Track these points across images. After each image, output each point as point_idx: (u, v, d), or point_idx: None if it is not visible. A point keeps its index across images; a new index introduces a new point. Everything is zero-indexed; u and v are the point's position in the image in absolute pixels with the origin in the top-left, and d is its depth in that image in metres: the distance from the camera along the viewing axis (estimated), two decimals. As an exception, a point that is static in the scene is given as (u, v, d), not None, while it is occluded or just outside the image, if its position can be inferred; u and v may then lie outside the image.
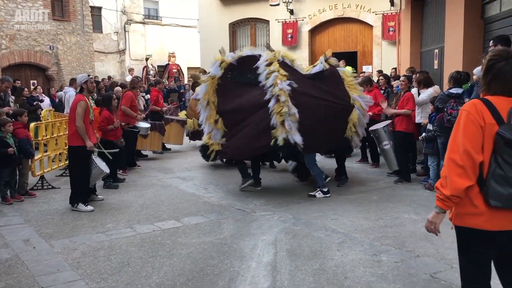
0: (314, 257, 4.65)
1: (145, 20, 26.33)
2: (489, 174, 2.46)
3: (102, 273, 4.38)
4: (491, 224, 2.50)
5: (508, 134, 2.41)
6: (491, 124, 2.47)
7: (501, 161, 2.44)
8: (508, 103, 2.51)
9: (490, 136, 2.47)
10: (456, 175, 2.48)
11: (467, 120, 2.50)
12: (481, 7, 7.48)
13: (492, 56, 2.58)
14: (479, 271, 2.63)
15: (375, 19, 15.11)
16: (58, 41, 18.03)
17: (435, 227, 2.66)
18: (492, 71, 2.55)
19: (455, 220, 2.63)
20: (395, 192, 7.20)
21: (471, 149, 2.46)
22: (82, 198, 6.58)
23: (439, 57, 9.85)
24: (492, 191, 2.44)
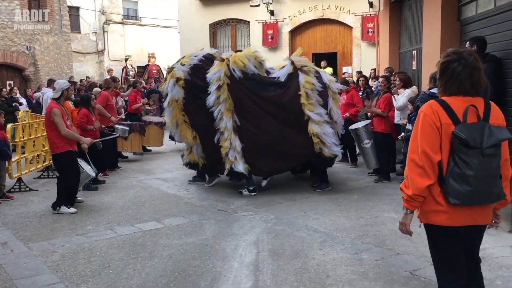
0: (296, 256, 4.67)
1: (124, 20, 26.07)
2: (448, 172, 2.55)
3: (82, 276, 4.33)
4: (454, 221, 2.60)
5: (463, 134, 2.49)
6: (447, 124, 2.56)
7: (458, 160, 2.52)
8: (463, 103, 2.59)
9: (447, 136, 2.56)
10: (417, 174, 2.57)
11: (424, 121, 2.60)
12: (458, 9, 7.61)
13: (445, 58, 2.67)
14: (450, 267, 2.71)
15: (354, 20, 15.24)
16: (35, 41, 17.73)
17: (406, 228, 2.76)
18: (447, 72, 2.64)
19: (421, 218, 2.73)
20: (375, 191, 7.28)
21: (428, 149, 2.55)
22: (66, 201, 6.48)
23: (417, 58, 9.99)
24: (451, 189, 2.53)
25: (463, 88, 2.61)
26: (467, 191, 2.50)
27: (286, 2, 15.99)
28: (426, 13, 8.69)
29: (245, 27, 17.03)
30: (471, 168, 2.48)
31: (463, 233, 2.67)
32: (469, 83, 2.60)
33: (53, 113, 6.32)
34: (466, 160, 2.49)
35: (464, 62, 2.59)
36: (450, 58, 2.64)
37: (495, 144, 2.50)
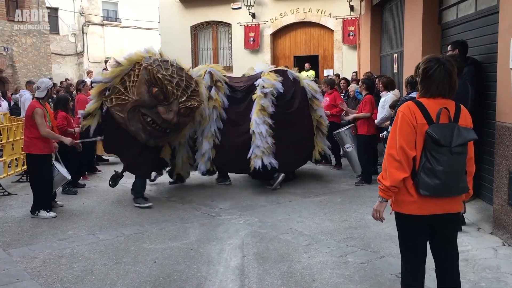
0: (281, 260, 4.65)
1: (103, 22, 25.82)
2: (420, 167, 2.85)
3: (65, 282, 4.24)
4: (423, 210, 2.90)
5: (435, 133, 2.78)
6: (422, 123, 2.84)
7: (430, 156, 2.82)
8: (437, 105, 2.88)
9: (421, 134, 2.85)
10: (394, 168, 2.86)
11: (402, 120, 2.89)
12: (439, 13, 7.71)
13: (426, 64, 2.94)
14: (413, 251, 3.04)
15: (335, 23, 15.35)
16: (13, 43, 17.39)
17: (379, 215, 3.06)
18: (428, 76, 2.92)
19: (394, 207, 3.03)
20: (358, 193, 7.32)
21: (405, 145, 2.84)
22: (44, 205, 6.34)
23: (398, 61, 10.10)
24: (422, 182, 2.83)
25: (442, 91, 2.89)
26: (436, 184, 2.80)
27: (267, 5, 16.02)
28: (407, 16, 8.80)
29: (227, 29, 17.00)
30: (440, 164, 2.79)
31: (431, 224, 2.97)
32: (448, 86, 2.89)
33: (35, 113, 6.20)
34: (436, 156, 2.79)
35: (444, 67, 2.88)
36: (431, 63, 2.91)
37: (463, 143, 2.82)
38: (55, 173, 6.53)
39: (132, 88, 6.46)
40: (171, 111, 6.46)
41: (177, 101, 6.48)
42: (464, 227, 5.34)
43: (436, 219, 2.95)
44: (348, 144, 8.06)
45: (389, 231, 5.23)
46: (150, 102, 6.44)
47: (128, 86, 6.50)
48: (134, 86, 6.46)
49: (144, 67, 6.45)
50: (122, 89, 6.53)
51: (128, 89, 6.48)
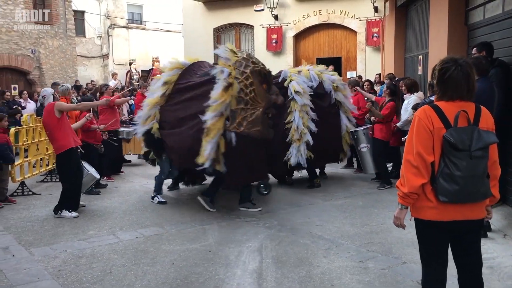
0: (300, 264, 4.59)
1: (128, 25, 26.11)
2: (438, 172, 2.77)
3: (84, 282, 4.26)
4: (443, 216, 2.81)
5: (452, 137, 2.70)
6: (439, 128, 2.76)
7: (448, 161, 2.73)
8: (455, 108, 2.78)
9: (438, 139, 2.77)
10: (412, 174, 2.79)
11: (418, 125, 2.81)
12: (465, 14, 7.54)
13: (442, 65, 2.85)
14: (434, 258, 2.95)
15: (359, 25, 15.19)
16: (40, 45, 17.75)
17: (400, 222, 2.97)
18: (445, 78, 2.82)
19: (413, 213, 2.94)
20: (380, 197, 7.20)
21: (422, 151, 2.77)
22: (69, 205, 6.42)
23: (423, 63, 9.92)
24: (441, 187, 2.75)
25: (460, 93, 2.80)
26: (455, 190, 2.71)
27: (290, 7, 15.96)
28: (433, 17, 8.63)
29: (249, 31, 17.00)
30: (459, 169, 2.70)
31: (452, 230, 2.87)
32: (466, 88, 2.79)
33: (56, 106, 6.36)
34: (455, 161, 2.70)
35: (461, 69, 2.78)
36: (447, 65, 2.82)
37: (483, 147, 2.72)
38: (85, 173, 6.64)
39: (254, 98, 6.16)
40: (277, 94, 6.70)
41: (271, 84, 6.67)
42: (490, 233, 5.18)
43: (457, 225, 2.84)
44: (364, 144, 7.99)
45: (411, 236, 5.09)
46: (269, 98, 6.42)
47: (249, 98, 6.14)
48: (255, 95, 6.16)
49: (252, 72, 6.17)
50: (245, 106, 6.14)
51: (251, 101, 6.15)
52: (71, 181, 6.48)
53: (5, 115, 7.80)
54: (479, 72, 5.01)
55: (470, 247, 2.96)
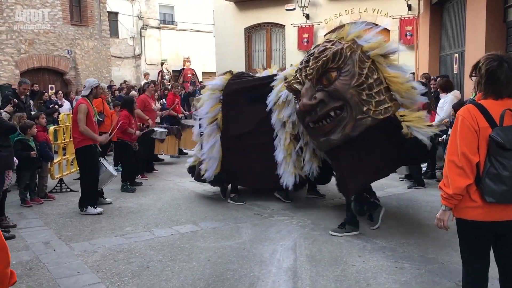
0: (335, 263, 4.58)
1: (160, 25, 26.49)
2: (484, 173, 2.71)
3: (123, 276, 4.37)
4: (488, 216, 2.75)
5: (499, 137, 2.64)
6: (485, 127, 2.71)
7: (494, 161, 2.68)
8: (500, 106, 2.73)
9: (484, 138, 2.71)
10: (457, 175, 2.73)
11: (462, 125, 2.75)
12: (503, 11, 7.37)
13: (489, 65, 2.77)
14: (476, 258, 2.90)
15: (392, 23, 14.96)
16: (76, 46, 18.22)
17: (443, 224, 2.92)
18: (492, 77, 2.76)
19: (455, 213, 2.89)
20: (414, 198, 7.10)
21: (467, 151, 2.71)
22: (91, 201, 6.59)
23: (459, 61, 9.73)
24: (487, 188, 2.69)
25: (508, 92, 2.75)
26: (502, 191, 2.65)
27: (322, 6, 15.88)
28: (470, 15, 8.47)
29: (280, 31, 17.00)
30: (506, 169, 2.63)
31: (495, 231, 2.82)
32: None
33: (79, 109, 6.48)
34: (502, 161, 2.64)
35: (507, 66, 2.72)
36: (494, 63, 2.75)
37: None
38: (102, 170, 6.77)
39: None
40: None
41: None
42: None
43: (501, 226, 2.79)
44: None
45: (448, 237, 5.03)
46: None
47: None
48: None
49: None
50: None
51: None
52: (87, 177, 6.65)
53: (41, 113, 8.05)
54: None
55: None
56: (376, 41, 5.06)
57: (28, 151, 6.87)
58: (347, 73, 4.97)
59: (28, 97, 9.86)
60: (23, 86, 9.49)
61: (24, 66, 16.44)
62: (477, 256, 2.91)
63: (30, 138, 7.02)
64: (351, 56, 5.00)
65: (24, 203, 7.00)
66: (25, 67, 16.45)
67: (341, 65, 4.98)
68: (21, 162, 6.73)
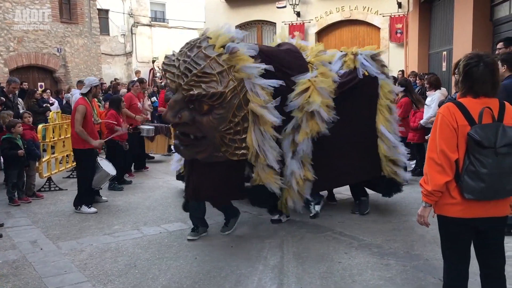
0: (321, 260, 4.61)
1: (151, 23, 26.41)
2: (463, 170, 2.76)
3: (109, 275, 4.37)
4: (467, 213, 2.80)
5: (477, 135, 2.68)
6: (463, 125, 2.74)
7: (473, 159, 2.72)
8: (479, 105, 2.76)
9: (463, 136, 2.75)
10: (436, 172, 2.78)
11: (441, 122, 2.79)
12: (490, 9, 7.44)
13: (467, 61, 2.82)
14: (457, 254, 2.95)
15: (382, 21, 15.06)
16: (65, 44, 18.10)
17: (424, 220, 2.97)
18: (470, 75, 2.79)
19: (436, 210, 2.94)
20: (402, 194, 7.08)
21: (446, 148, 2.75)
22: (85, 200, 6.58)
23: (447, 59, 9.80)
24: (466, 185, 2.74)
25: (485, 90, 2.77)
26: (481, 188, 2.70)
27: (312, 3, 15.93)
28: (457, 13, 8.53)
29: (271, 28, 17.03)
30: (484, 166, 2.68)
31: (475, 227, 2.86)
32: (491, 85, 2.77)
33: (77, 110, 6.46)
34: (480, 159, 2.69)
35: (485, 64, 2.75)
36: (472, 61, 2.79)
37: (509, 144, 2.68)
38: (98, 169, 6.75)
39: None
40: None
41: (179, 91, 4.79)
42: (515, 231, 5.11)
43: (481, 222, 2.84)
44: None
45: (434, 233, 5.06)
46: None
47: None
48: None
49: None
50: None
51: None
52: (84, 176, 6.65)
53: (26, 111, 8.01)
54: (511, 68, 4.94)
55: (493, 244, 2.94)
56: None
57: (15, 150, 6.84)
58: (218, 116, 4.69)
59: (16, 96, 9.80)
60: (12, 85, 9.43)
61: (13, 64, 16.30)
62: (457, 252, 2.95)
63: (18, 137, 6.99)
64: (231, 100, 4.67)
65: (12, 202, 6.97)
66: (14, 65, 16.31)
67: (216, 105, 4.65)
68: (8, 160, 6.69)
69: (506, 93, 4.51)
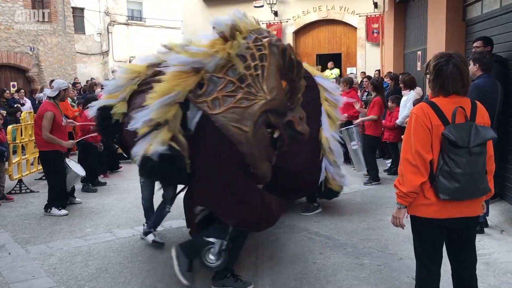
0: (296, 260, 4.58)
1: (128, 21, 26.11)
2: (438, 170, 2.74)
3: (79, 280, 4.26)
4: (441, 213, 2.79)
5: (452, 135, 2.66)
6: (437, 125, 2.72)
7: (447, 159, 2.70)
8: (452, 104, 2.75)
9: (437, 136, 2.73)
10: (411, 173, 2.75)
11: (416, 123, 2.76)
12: (463, 9, 7.50)
13: (436, 61, 2.81)
14: (429, 254, 2.95)
15: (359, 21, 15.16)
16: (38, 42, 17.73)
17: (399, 222, 2.94)
18: (439, 73, 2.79)
19: (409, 210, 2.91)
20: (378, 194, 7.18)
21: (421, 149, 2.72)
22: (57, 202, 6.42)
23: (422, 59, 9.89)
24: (441, 185, 2.72)
25: (455, 88, 2.76)
26: (455, 188, 2.69)
27: (290, 3, 15.94)
28: (431, 13, 8.60)
29: (249, 28, 16.97)
30: (459, 166, 2.67)
31: (448, 227, 2.86)
32: (461, 83, 2.76)
33: (45, 117, 6.23)
34: (454, 159, 2.67)
35: (455, 63, 2.75)
36: (441, 60, 2.79)
37: (482, 143, 2.69)
38: (68, 170, 6.60)
39: (257, 80, 3.72)
40: (301, 119, 4.02)
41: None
42: (487, 229, 5.16)
43: (455, 222, 2.84)
44: (354, 142, 7.94)
45: (408, 233, 5.01)
46: (284, 102, 3.88)
47: (250, 75, 3.72)
48: (261, 76, 3.73)
49: (271, 45, 3.88)
50: (239, 84, 3.71)
51: (252, 82, 3.71)
52: (53, 179, 6.48)
53: None
54: (484, 67, 4.97)
55: (465, 243, 2.95)
56: None
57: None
58: None
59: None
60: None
61: (-16, 63, 15.93)
62: (430, 252, 2.94)
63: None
64: None
65: (-20, 205, 6.77)
66: (-15, 64, 15.94)
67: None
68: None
69: (477, 92, 4.55)
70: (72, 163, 6.89)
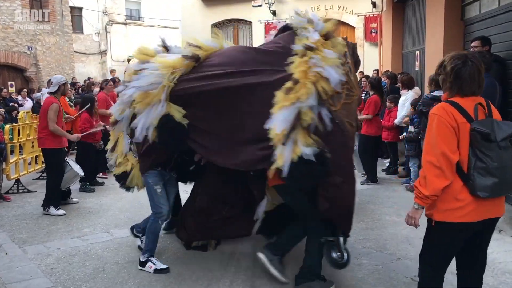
0: (294, 260, 4.56)
1: (127, 21, 26.09)
2: (471, 168, 2.64)
3: (76, 280, 4.24)
4: (476, 215, 2.69)
5: (483, 128, 2.62)
6: (463, 123, 2.66)
7: (480, 154, 2.63)
8: (471, 102, 2.73)
9: (464, 134, 2.66)
10: (435, 176, 2.65)
11: (439, 123, 2.68)
12: (461, 9, 7.49)
13: (454, 62, 2.76)
14: (444, 260, 2.89)
15: (357, 20, 15.14)
16: (36, 42, 17.69)
17: (414, 222, 2.85)
18: (458, 75, 2.74)
19: (437, 216, 2.78)
20: (376, 193, 7.17)
21: (447, 150, 2.63)
22: (54, 201, 6.41)
23: (420, 58, 9.88)
24: (478, 183, 2.62)
25: (473, 89, 2.74)
26: (494, 183, 2.62)
27: (288, 2, 15.90)
28: (429, 13, 8.58)
29: (247, 27, 16.95)
30: (493, 160, 2.61)
31: (477, 230, 2.77)
32: (477, 84, 2.74)
33: (50, 108, 6.31)
34: (488, 153, 2.61)
35: (472, 65, 2.72)
36: (459, 61, 2.74)
37: (506, 137, 2.65)
38: (67, 169, 6.59)
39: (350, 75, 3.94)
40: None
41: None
42: (485, 229, 5.15)
43: (482, 224, 2.75)
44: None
45: (406, 232, 5.10)
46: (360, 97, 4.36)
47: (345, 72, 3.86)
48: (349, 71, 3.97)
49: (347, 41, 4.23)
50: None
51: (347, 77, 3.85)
52: (52, 177, 6.50)
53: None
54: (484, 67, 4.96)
55: (482, 247, 2.90)
56: None
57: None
58: None
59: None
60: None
61: (-18, 63, 15.90)
62: (445, 258, 2.88)
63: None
64: None
65: (-23, 205, 6.75)
66: (-17, 63, 15.91)
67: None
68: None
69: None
70: (72, 162, 6.89)
